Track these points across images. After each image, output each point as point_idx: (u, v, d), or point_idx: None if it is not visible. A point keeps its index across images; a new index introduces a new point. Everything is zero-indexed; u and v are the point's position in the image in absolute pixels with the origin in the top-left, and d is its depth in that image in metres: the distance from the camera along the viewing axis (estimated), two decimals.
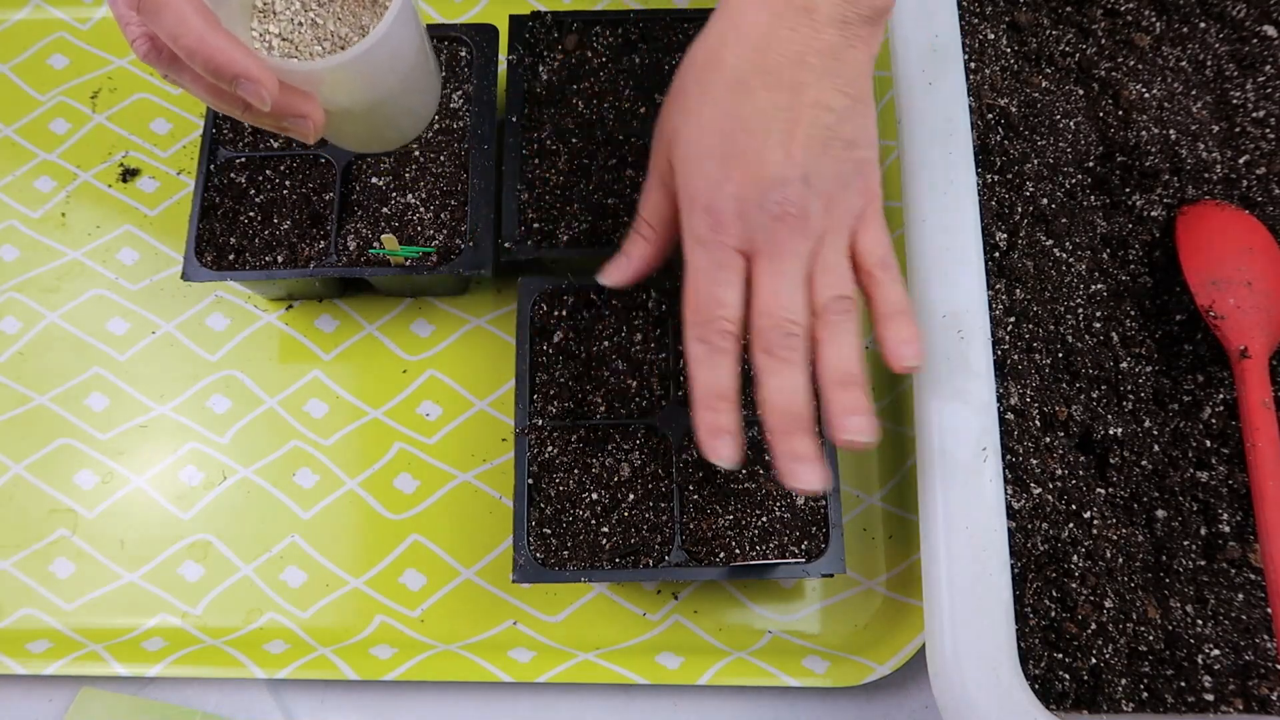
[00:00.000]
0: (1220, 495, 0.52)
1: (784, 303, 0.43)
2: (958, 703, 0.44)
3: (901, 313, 0.45)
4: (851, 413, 0.42)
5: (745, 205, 0.43)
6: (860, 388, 0.43)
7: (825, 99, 0.43)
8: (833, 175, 0.44)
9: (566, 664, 0.56)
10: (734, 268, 0.43)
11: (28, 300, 0.66)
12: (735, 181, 0.43)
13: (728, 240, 0.43)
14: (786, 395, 0.43)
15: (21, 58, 0.72)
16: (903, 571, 0.59)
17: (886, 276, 0.45)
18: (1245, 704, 0.48)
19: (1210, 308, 0.53)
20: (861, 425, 0.42)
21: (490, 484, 0.61)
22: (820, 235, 0.44)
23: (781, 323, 0.43)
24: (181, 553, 0.60)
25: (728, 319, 0.43)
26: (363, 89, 0.46)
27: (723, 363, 0.43)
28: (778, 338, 0.43)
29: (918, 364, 0.44)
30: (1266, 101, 0.58)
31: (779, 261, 0.43)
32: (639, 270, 0.49)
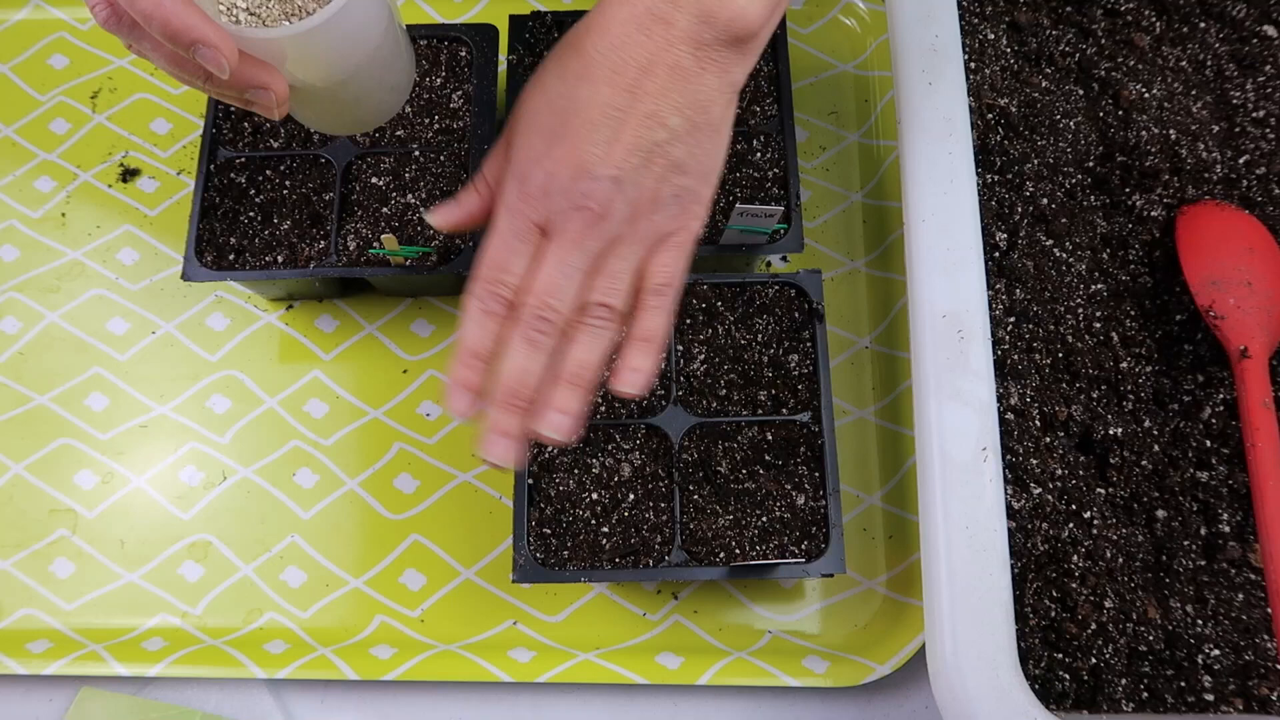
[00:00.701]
0: (1220, 495, 0.52)
1: (552, 289, 0.44)
2: (958, 703, 0.44)
3: (648, 341, 0.45)
4: (561, 410, 0.44)
5: (552, 185, 0.43)
6: (584, 391, 0.44)
7: (661, 114, 0.43)
8: (648, 190, 0.44)
9: (566, 664, 0.56)
10: (528, 239, 0.44)
11: (28, 300, 0.66)
12: (552, 159, 0.44)
13: (529, 213, 0.44)
14: (517, 374, 0.44)
15: (21, 58, 0.72)
16: (903, 571, 0.59)
17: (655, 303, 0.46)
18: (1245, 704, 0.48)
19: (1210, 308, 0.53)
20: (561, 424, 0.44)
21: (490, 484, 0.61)
22: (613, 240, 0.44)
23: (542, 305, 0.44)
24: (181, 553, 0.60)
25: (506, 284, 0.44)
26: (327, 64, 0.46)
27: (490, 324, 0.44)
28: (533, 317, 0.44)
29: (635, 394, 0.45)
30: (1266, 101, 0.58)
31: (564, 249, 0.44)
32: (461, 220, 0.49)
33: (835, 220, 0.66)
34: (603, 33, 0.43)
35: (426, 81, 0.63)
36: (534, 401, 0.44)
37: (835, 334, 0.63)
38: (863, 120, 0.69)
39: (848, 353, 0.63)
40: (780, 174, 0.60)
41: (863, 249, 0.66)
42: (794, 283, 0.58)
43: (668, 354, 0.57)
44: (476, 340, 0.44)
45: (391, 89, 0.51)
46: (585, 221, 0.44)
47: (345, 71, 0.47)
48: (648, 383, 0.45)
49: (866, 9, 0.71)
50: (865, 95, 0.69)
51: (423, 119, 0.62)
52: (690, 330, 0.57)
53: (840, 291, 0.65)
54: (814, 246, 0.66)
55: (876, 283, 0.65)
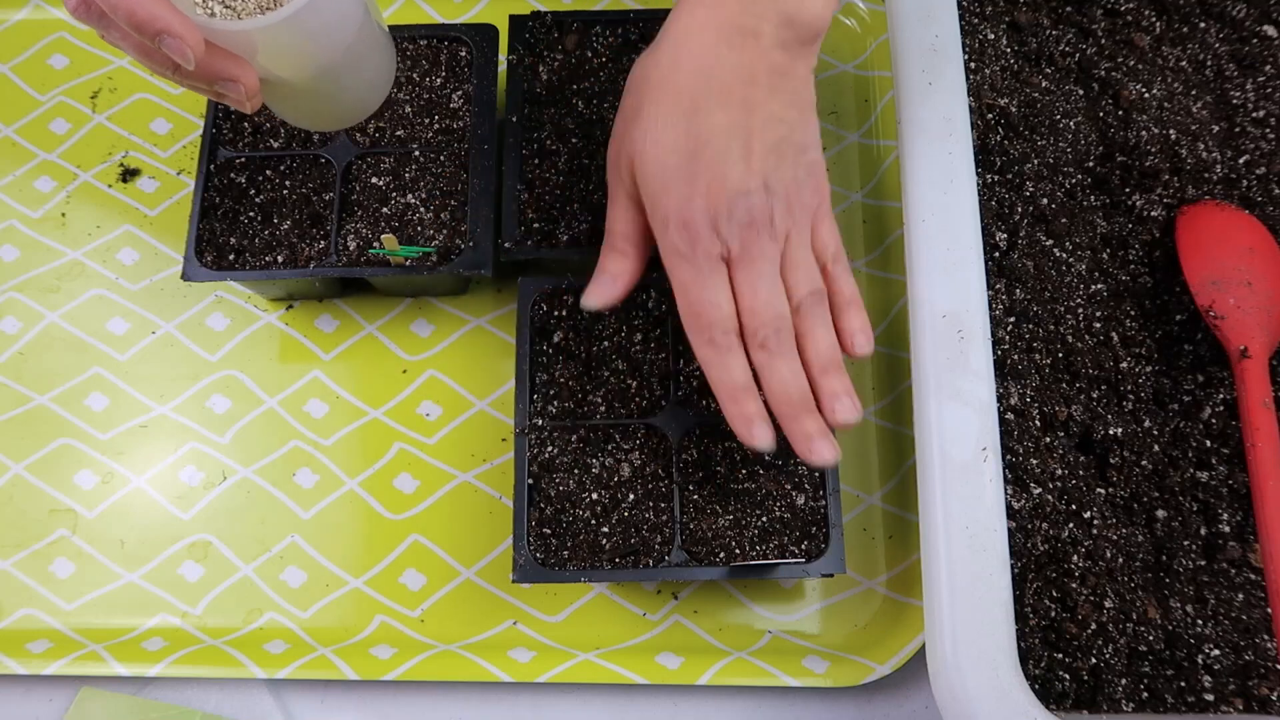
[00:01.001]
0: (1220, 495, 0.52)
1: (767, 301, 0.47)
2: (958, 703, 0.44)
3: (853, 304, 0.50)
4: (837, 396, 0.47)
5: (716, 217, 0.46)
6: (840, 370, 0.48)
7: (777, 112, 0.47)
8: (790, 179, 0.48)
9: (566, 664, 0.56)
10: (718, 274, 0.47)
11: (28, 300, 0.66)
12: (703, 196, 0.46)
13: (709, 248, 0.47)
14: (788, 384, 0.47)
15: (21, 58, 0.72)
16: (903, 571, 0.59)
17: (838, 269, 0.50)
18: (1245, 704, 0.48)
19: (1210, 308, 0.53)
20: (847, 407, 0.47)
21: (490, 484, 0.61)
22: (785, 235, 0.48)
23: (770, 320, 0.47)
24: (181, 553, 0.60)
25: (727, 318, 0.47)
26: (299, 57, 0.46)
27: (733, 360, 0.47)
28: (769, 334, 0.47)
29: (868, 351, 0.49)
30: (1266, 101, 0.58)
31: (754, 264, 0.47)
32: (625, 287, 0.52)
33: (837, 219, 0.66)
34: (693, 61, 0.47)
35: (426, 81, 0.63)
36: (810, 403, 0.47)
37: None
38: (863, 120, 0.69)
39: None
40: None
41: (863, 249, 0.66)
42: None
43: (666, 354, 0.57)
44: (732, 378, 0.47)
45: (369, 85, 0.51)
46: (759, 233, 0.47)
47: (318, 66, 0.47)
48: (872, 340, 0.49)
49: (866, 9, 0.71)
50: (865, 95, 0.69)
51: (423, 119, 0.62)
52: None
53: None
54: None
55: (876, 283, 0.65)
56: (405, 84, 0.63)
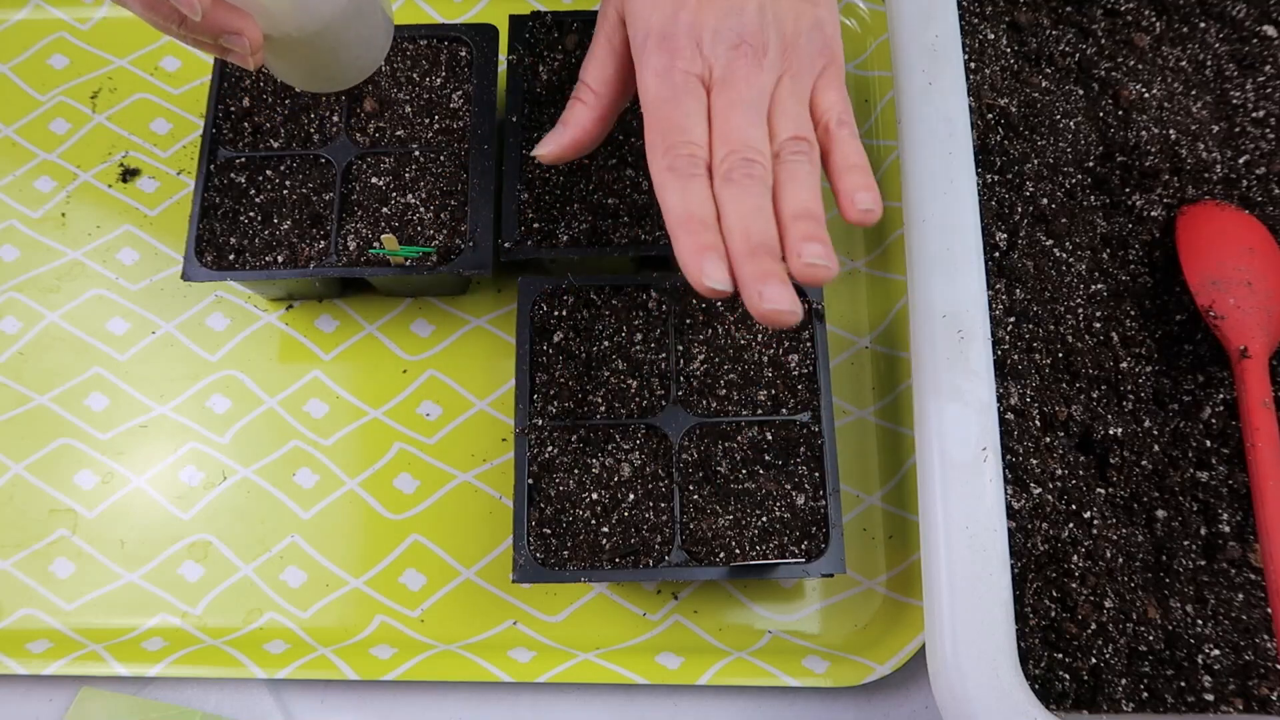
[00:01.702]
0: (1220, 495, 0.52)
1: (743, 133, 0.41)
2: (958, 703, 0.44)
3: (858, 166, 0.43)
4: (809, 239, 0.40)
5: (700, 31, 0.41)
6: (818, 221, 0.41)
7: None
8: (788, 21, 0.42)
9: (566, 664, 0.56)
10: (695, 95, 0.42)
11: (28, 300, 0.66)
12: (690, 10, 0.42)
13: (686, 67, 0.42)
14: (750, 217, 0.40)
15: (21, 58, 0.72)
16: (903, 571, 0.59)
17: (843, 133, 0.43)
18: (1245, 704, 0.48)
19: (1210, 308, 0.53)
20: (820, 251, 0.40)
21: (490, 484, 0.61)
22: (778, 75, 0.42)
23: (740, 149, 0.41)
24: (181, 553, 0.60)
25: (695, 143, 0.41)
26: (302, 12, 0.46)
27: (694, 186, 0.41)
28: (737, 163, 0.41)
29: (874, 209, 0.42)
30: (1266, 101, 0.58)
31: (736, 90, 0.42)
32: (577, 139, 0.46)
33: (835, 220, 0.66)
34: None
35: (426, 81, 0.63)
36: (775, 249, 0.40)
37: (835, 334, 0.63)
38: (863, 120, 0.69)
39: (848, 353, 0.63)
40: None
41: (863, 249, 0.66)
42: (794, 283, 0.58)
43: (666, 353, 0.57)
44: (691, 206, 0.40)
45: (369, 44, 0.52)
46: (747, 59, 0.41)
47: (321, 21, 0.47)
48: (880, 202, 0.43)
49: (866, 9, 0.71)
50: (865, 95, 0.69)
51: (423, 119, 0.62)
52: (690, 330, 0.58)
53: (840, 291, 0.65)
54: None
55: (876, 283, 0.65)
56: (405, 84, 0.63)
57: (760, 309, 0.39)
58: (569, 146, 0.46)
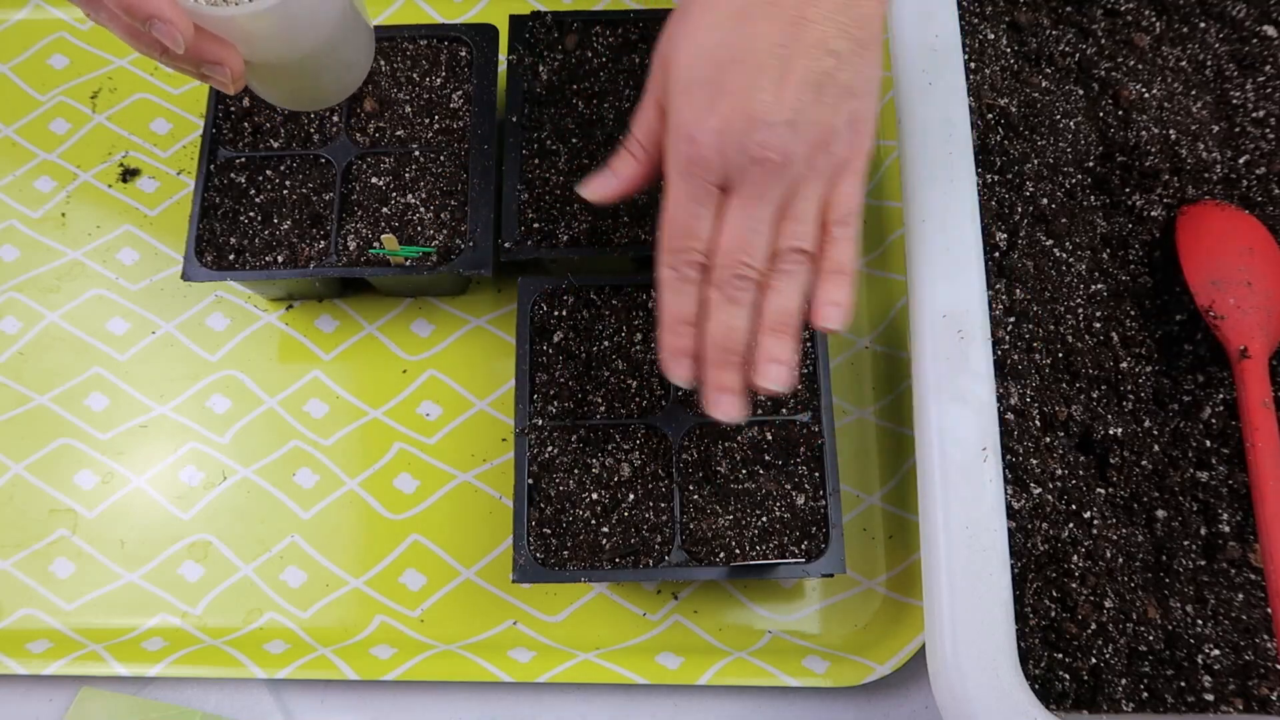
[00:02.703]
0: (1220, 495, 0.52)
1: (744, 245, 0.43)
2: (958, 703, 0.44)
3: (841, 273, 0.45)
4: (774, 361, 0.44)
5: (726, 141, 0.42)
6: (791, 337, 0.44)
7: (828, 39, 0.42)
8: (823, 124, 0.43)
9: (566, 664, 0.56)
10: (709, 201, 0.43)
11: (28, 300, 0.66)
12: (720, 115, 0.42)
13: (705, 175, 0.43)
14: (724, 331, 0.44)
15: (21, 58, 0.72)
16: (903, 571, 0.59)
17: (843, 234, 0.45)
18: (1245, 704, 0.48)
19: (1210, 308, 0.53)
20: (779, 375, 0.44)
21: (490, 484, 0.61)
22: (796, 182, 0.43)
23: (737, 264, 0.43)
24: (181, 553, 0.60)
25: (698, 250, 0.44)
26: (284, 42, 0.46)
27: (688, 290, 0.44)
28: (730, 278, 0.43)
29: (838, 327, 0.45)
30: (1266, 101, 0.58)
31: (750, 204, 0.43)
32: (622, 189, 0.48)
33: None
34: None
35: (426, 81, 0.63)
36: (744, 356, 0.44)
37: (835, 334, 0.63)
38: None
39: (848, 353, 0.63)
40: None
41: (863, 249, 0.66)
42: None
43: None
44: (680, 308, 0.45)
45: (350, 67, 0.52)
46: (766, 173, 0.42)
47: (302, 50, 0.47)
48: (848, 316, 0.45)
49: None
50: None
51: (423, 119, 0.62)
52: None
53: None
54: None
55: (876, 283, 0.65)
56: (405, 84, 0.63)
57: (710, 410, 0.45)
58: (613, 197, 0.48)
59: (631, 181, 0.48)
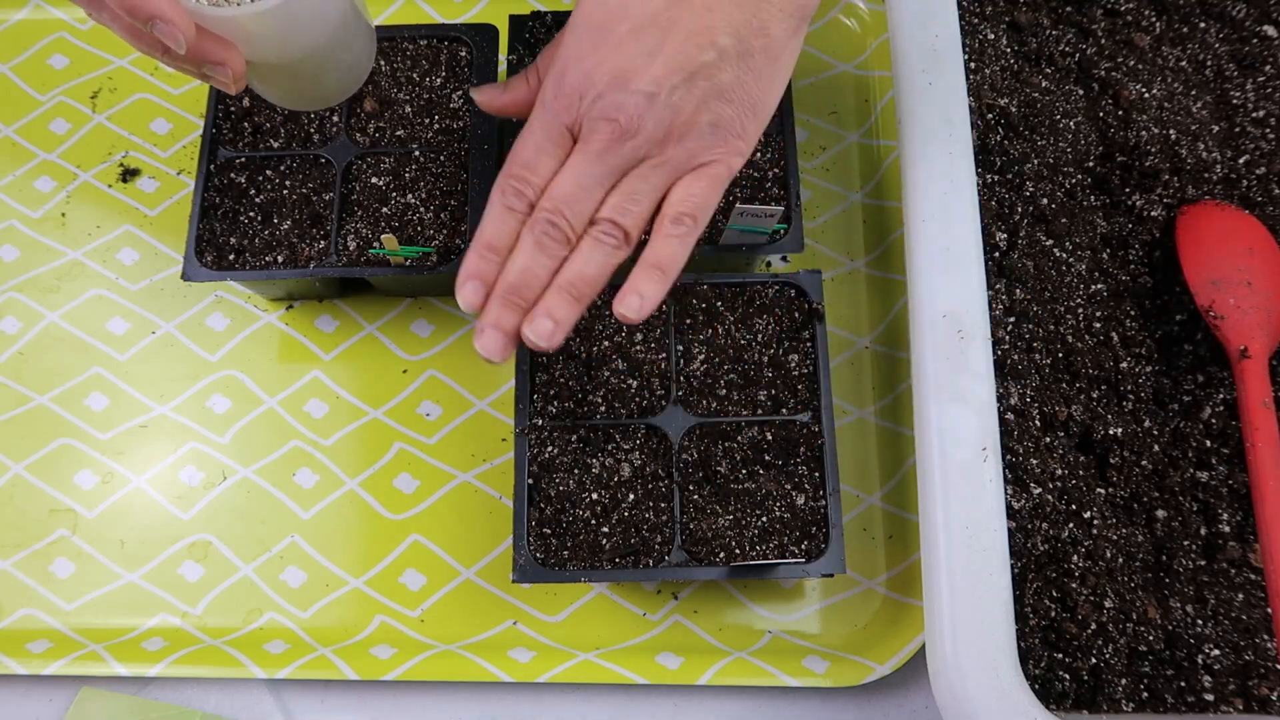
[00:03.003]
0: (1220, 495, 0.52)
1: (568, 199, 0.43)
2: (958, 703, 0.44)
3: (659, 269, 0.44)
4: (550, 316, 0.44)
5: (586, 88, 0.42)
6: (576, 303, 0.44)
7: (713, 30, 0.42)
8: (684, 114, 0.42)
9: (566, 664, 0.56)
10: (559, 142, 0.44)
11: (28, 300, 0.66)
12: (592, 60, 0.42)
13: (560, 114, 0.43)
14: (520, 272, 0.44)
15: (21, 58, 0.72)
16: (903, 571, 0.59)
17: (673, 231, 0.44)
18: (1245, 704, 0.48)
19: (1210, 308, 0.53)
20: (547, 330, 0.44)
21: (490, 484, 0.61)
22: (640, 158, 0.43)
23: (556, 214, 0.44)
24: (181, 553, 0.60)
25: (531, 185, 0.44)
26: (285, 42, 0.46)
27: (508, 221, 0.45)
28: (545, 223, 0.44)
29: (634, 318, 0.44)
30: (1266, 101, 0.58)
31: (586, 160, 0.43)
32: (505, 103, 0.49)
33: (835, 220, 0.66)
34: None
35: (426, 81, 0.63)
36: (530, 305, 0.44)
37: (835, 334, 0.63)
38: (863, 120, 0.69)
39: (848, 353, 0.63)
40: (780, 174, 0.60)
41: (863, 249, 0.66)
42: (794, 283, 0.58)
43: (667, 353, 0.57)
44: (493, 234, 0.45)
45: (350, 68, 0.52)
46: (611, 135, 0.42)
47: (304, 49, 0.47)
48: (648, 310, 0.44)
49: (866, 9, 0.71)
50: (865, 95, 0.69)
51: (423, 119, 0.62)
52: (690, 330, 0.58)
53: (840, 291, 0.65)
54: (814, 246, 0.66)
55: (876, 283, 0.65)
56: (405, 84, 0.63)
57: (475, 341, 0.44)
58: (496, 109, 0.50)
59: (517, 101, 0.49)
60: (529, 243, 0.44)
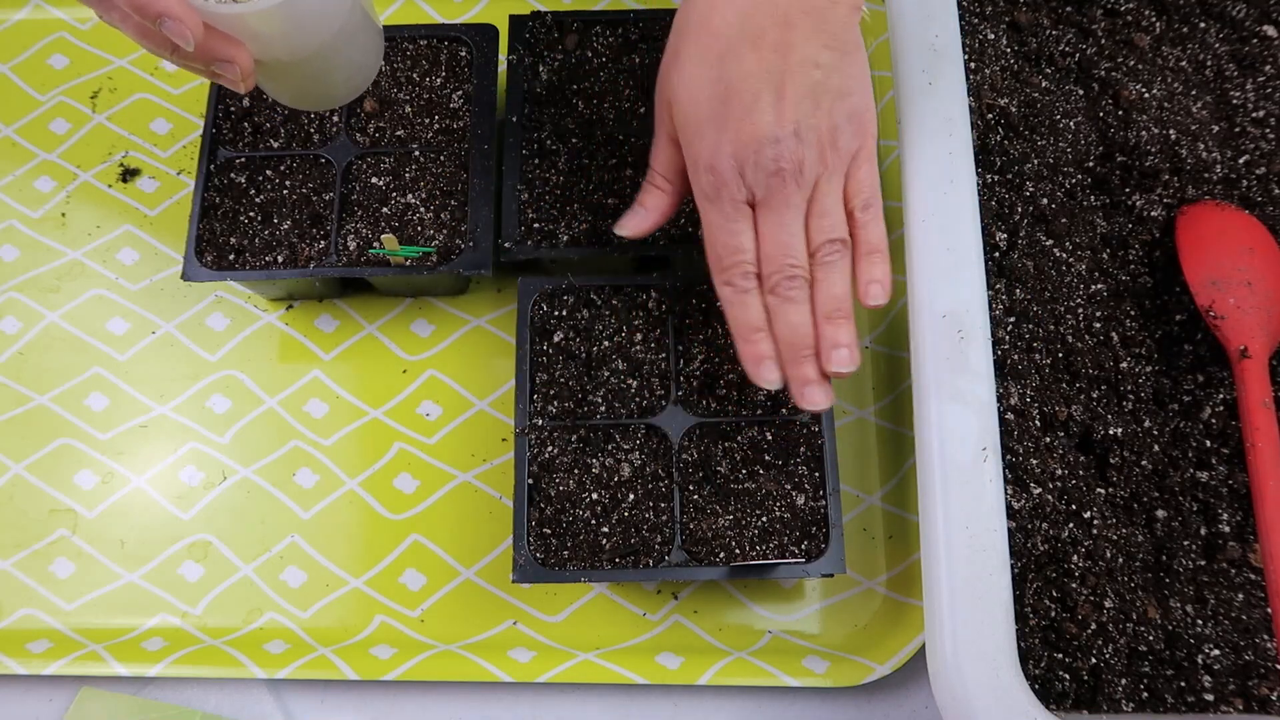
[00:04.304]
0: (1220, 495, 0.52)
1: (785, 250, 0.48)
2: (958, 703, 0.44)
3: (876, 252, 0.49)
4: (836, 345, 0.48)
5: (743, 164, 0.46)
6: (846, 320, 0.48)
7: (812, 55, 0.46)
8: (825, 127, 0.47)
9: (566, 664, 0.56)
10: (743, 218, 0.48)
11: (28, 300, 0.66)
12: (731, 142, 0.46)
13: (733, 196, 0.47)
14: (794, 329, 0.48)
15: (21, 58, 0.72)
16: (903, 571, 0.59)
17: (867, 217, 0.49)
18: (1245, 704, 0.48)
19: (1210, 308, 0.53)
20: (844, 357, 0.48)
21: (490, 484, 0.61)
22: (815, 182, 0.48)
23: (784, 268, 0.48)
24: (181, 553, 0.60)
25: (747, 262, 0.48)
26: (292, 39, 0.46)
27: (750, 300, 0.49)
28: (780, 280, 0.48)
29: (882, 302, 0.49)
30: (1266, 101, 0.58)
31: (778, 213, 0.47)
32: (655, 222, 0.53)
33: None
34: (728, 4, 0.46)
35: (426, 81, 0.63)
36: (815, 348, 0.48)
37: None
38: None
39: None
40: None
41: None
42: None
43: (667, 353, 0.57)
44: (747, 318, 0.49)
45: (358, 66, 0.52)
46: (785, 181, 0.47)
47: (311, 48, 0.47)
48: (888, 290, 0.49)
49: (866, 9, 0.71)
50: None
51: (423, 119, 0.62)
52: (690, 330, 0.58)
53: None
54: None
55: None
56: (405, 84, 0.63)
57: (802, 405, 0.49)
58: (648, 230, 0.53)
59: (661, 213, 0.53)
60: (780, 304, 0.48)
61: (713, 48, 0.47)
